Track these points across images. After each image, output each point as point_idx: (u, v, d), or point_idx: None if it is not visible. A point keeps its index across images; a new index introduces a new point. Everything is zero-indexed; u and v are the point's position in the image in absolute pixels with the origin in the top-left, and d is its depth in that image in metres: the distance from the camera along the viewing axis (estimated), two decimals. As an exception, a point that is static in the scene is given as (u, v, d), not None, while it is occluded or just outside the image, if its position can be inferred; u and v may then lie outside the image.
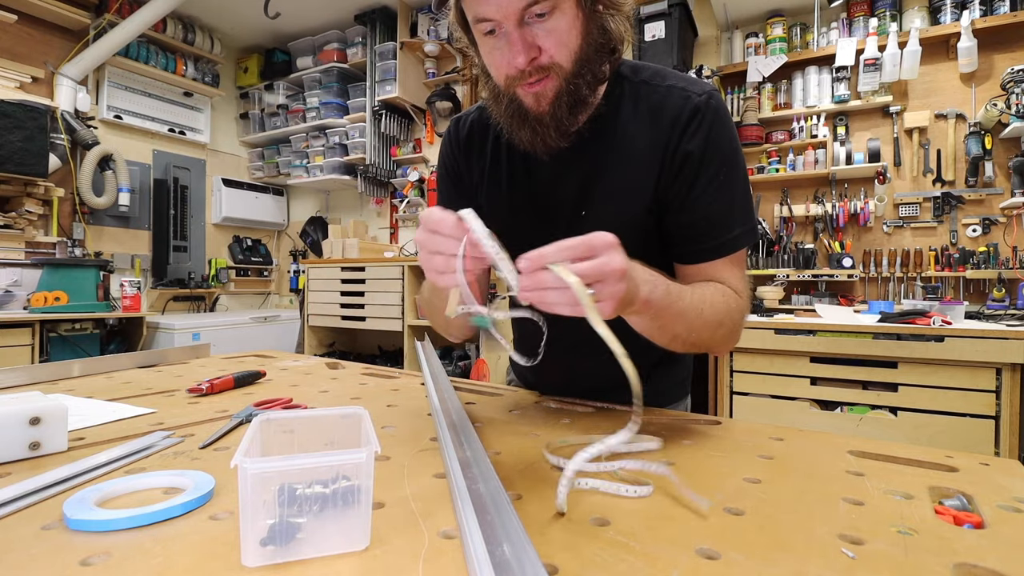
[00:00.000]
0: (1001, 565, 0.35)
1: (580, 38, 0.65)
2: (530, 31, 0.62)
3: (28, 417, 0.55)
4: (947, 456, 0.57)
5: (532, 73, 0.64)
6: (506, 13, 0.61)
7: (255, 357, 1.29)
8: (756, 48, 2.88)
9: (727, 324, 0.68)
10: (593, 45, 0.66)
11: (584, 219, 0.75)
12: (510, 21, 0.61)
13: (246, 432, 0.41)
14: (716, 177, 0.70)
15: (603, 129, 0.74)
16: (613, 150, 0.74)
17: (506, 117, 0.70)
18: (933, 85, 2.59)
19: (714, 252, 0.72)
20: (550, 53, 0.63)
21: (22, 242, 3.13)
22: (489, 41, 0.65)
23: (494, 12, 0.61)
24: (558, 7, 0.62)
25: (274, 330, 3.94)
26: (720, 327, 0.67)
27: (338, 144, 3.98)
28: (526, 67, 0.63)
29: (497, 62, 0.66)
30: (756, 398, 2.19)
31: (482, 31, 0.65)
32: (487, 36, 0.65)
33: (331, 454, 0.37)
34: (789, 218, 2.84)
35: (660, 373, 0.87)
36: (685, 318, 0.62)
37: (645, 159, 0.72)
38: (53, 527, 0.40)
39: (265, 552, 0.35)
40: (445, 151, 0.88)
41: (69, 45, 3.35)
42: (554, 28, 0.62)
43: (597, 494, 0.47)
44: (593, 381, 0.84)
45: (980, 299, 2.46)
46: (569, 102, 0.67)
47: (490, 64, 0.68)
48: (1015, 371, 1.79)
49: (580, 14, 0.64)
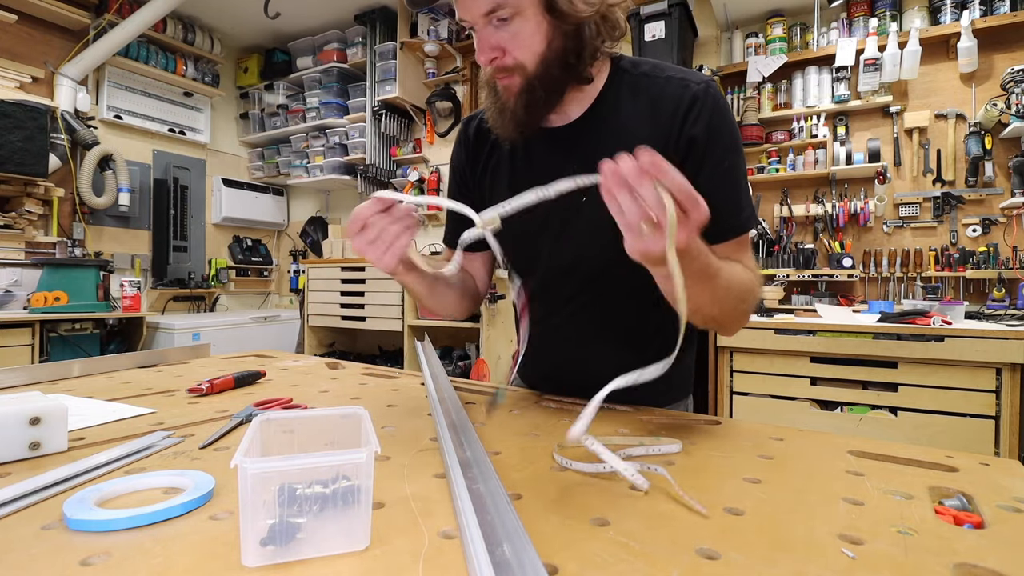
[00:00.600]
0: (1001, 565, 0.35)
1: (544, 42, 0.69)
2: (495, 34, 0.69)
3: (28, 417, 0.55)
4: (947, 456, 0.57)
5: (498, 71, 0.72)
6: (472, 16, 0.69)
7: (255, 357, 1.29)
8: (756, 48, 2.88)
9: (748, 301, 0.69)
10: (558, 49, 0.70)
11: (584, 204, 0.76)
12: (476, 23, 0.69)
13: (246, 432, 0.41)
14: (722, 162, 0.72)
15: (604, 120, 0.77)
16: (614, 140, 0.75)
17: (488, 100, 0.78)
18: (933, 85, 2.59)
19: (727, 233, 0.73)
20: (513, 55, 0.70)
21: (22, 242, 3.13)
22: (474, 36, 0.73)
23: (464, 14, 0.69)
24: (520, 13, 0.67)
25: (274, 330, 3.94)
26: (742, 303, 0.68)
27: (338, 144, 3.98)
28: (487, 65, 0.71)
29: (480, 56, 0.73)
30: (756, 398, 2.19)
31: (467, 28, 0.72)
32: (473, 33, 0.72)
33: (331, 454, 0.37)
34: (789, 218, 2.84)
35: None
36: (719, 285, 0.62)
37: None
38: (53, 527, 0.40)
39: (265, 552, 0.35)
40: (455, 149, 0.95)
41: (69, 45, 3.35)
42: (516, 32, 0.68)
43: (597, 494, 0.47)
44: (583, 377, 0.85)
45: (980, 299, 2.46)
46: (527, 101, 0.72)
47: (478, 58, 0.75)
48: (1015, 371, 1.79)
49: (544, 20, 0.68)
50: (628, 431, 0.67)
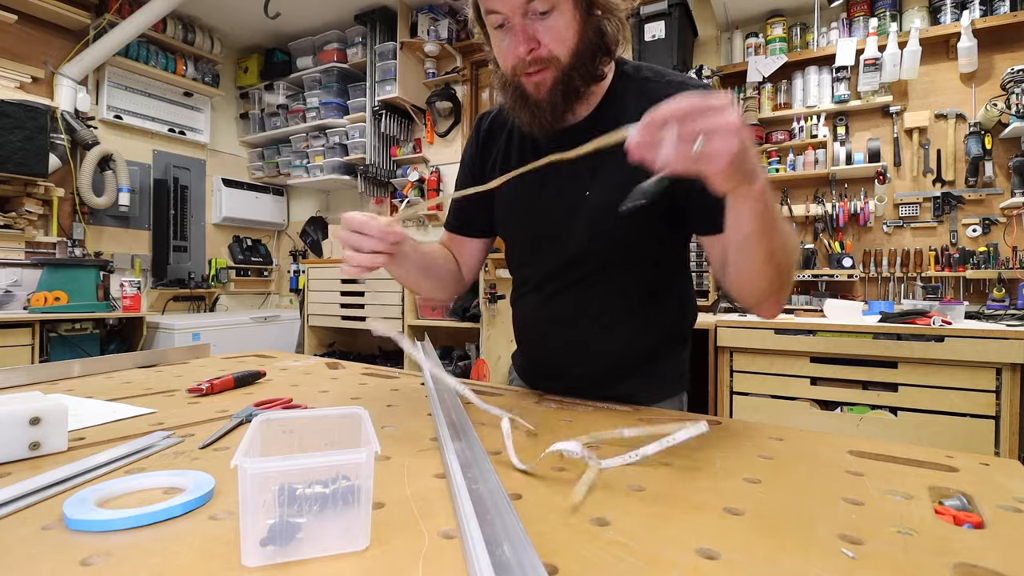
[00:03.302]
0: (1001, 565, 0.35)
1: (577, 36, 0.72)
2: (532, 26, 0.70)
3: (28, 417, 0.54)
4: (947, 456, 0.57)
5: (532, 63, 0.72)
6: (511, 7, 0.69)
7: (255, 357, 1.29)
8: (756, 48, 2.88)
9: (794, 265, 0.69)
10: (589, 44, 0.74)
11: (588, 199, 0.80)
12: (515, 15, 0.70)
13: (246, 432, 0.41)
14: None
15: (607, 121, 0.78)
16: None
17: (510, 102, 0.79)
18: (933, 85, 2.59)
19: None
20: (548, 47, 0.71)
21: (22, 242, 3.13)
22: (498, 34, 0.74)
23: (501, 5, 0.70)
24: (557, 7, 0.70)
25: (274, 330, 3.94)
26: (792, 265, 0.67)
27: (338, 144, 3.97)
28: (526, 56, 0.72)
29: (504, 53, 0.74)
30: (756, 398, 2.19)
31: (493, 24, 0.73)
32: (497, 30, 0.74)
33: (331, 454, 0.37)
34: (789, 218, 2.84)
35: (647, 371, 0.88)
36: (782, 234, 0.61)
37: None
38: (53, 527, 0.40)
39: (265, 552, 0.35)
40: (468, 143, 0.99)
41: (69, 45, 3.35)
42: (553, 25, 0.70)
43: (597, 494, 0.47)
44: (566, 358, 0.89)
45: (980, 299, 2.46)
46: (564, 91, 0.75)
47: (499, 54, 0.76)
48: (1015, 371, 1.79)
49: (577, 14, 0.72)
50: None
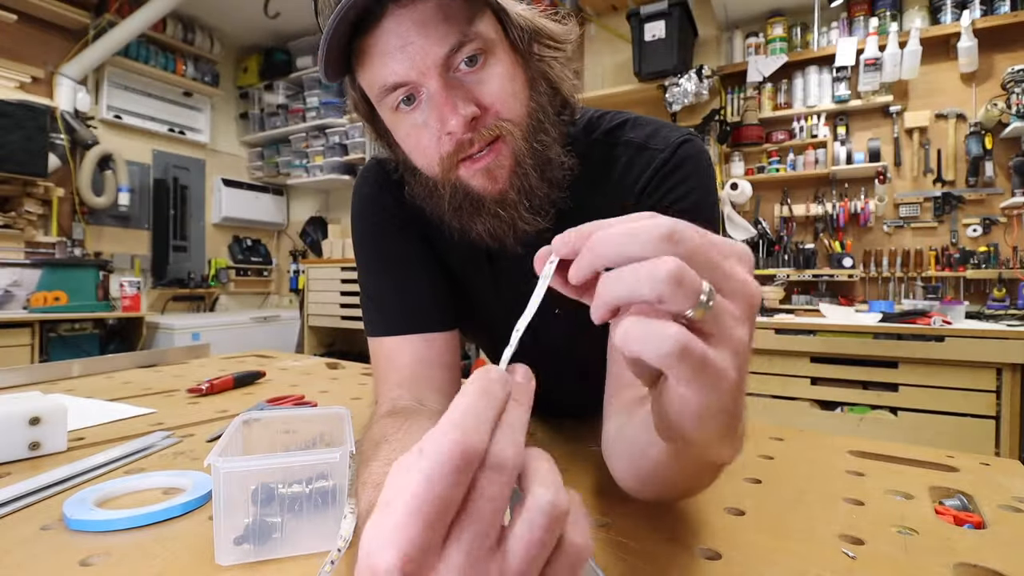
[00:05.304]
0: (1001, 565, 0.35)
1: (526, 86, 0.50)
2: (461, 86, 0.46)
3: (28, 417, 0.55)
4: (947, 456, 0.57)
5: (475, 142, 0.47)
6: (423, 68, 0.44)
7: (255, 357, 1.29)
8: (756, 48, 2.87)
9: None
10: (543, 94, 0.52)
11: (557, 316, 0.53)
12: (431, 78, 0.45)
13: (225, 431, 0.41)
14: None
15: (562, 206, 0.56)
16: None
17: (452, 212, 0.52)
18: (933, 85, 2.59)
19: None
20: (495, 108, 0.47)
21: (22, 242, 3.12)
22: (406, 118, 0.48)
23: (406, 70, 0.44)
24: (490, 51, 0.46)
25: (274, 330, 3.94)
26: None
27: (338, 144, 3.98)
28: (464, 132, 0.46)
29: (424, 142, 0.48)
30: (756, 398, 2.19)
31: (392, 106, 0.48)
32: (403, 114, 0.48)
33: (304, 453, 0.37)
34: (789, 218, 2.84)
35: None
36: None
37: None
38: (53, 527, 0.40)
39: (239, 550, 0.35)
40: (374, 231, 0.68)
41: (69, 45, 3.35)
42: (492, 76, 0.47)
43: (597, 494, 0.47)
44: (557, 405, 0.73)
45: (980, 299, 2.46)
46: (535, 165, 0.50)
47: (414, 148, 0.50)
48: (1015, 371, 1.79)
49: (518, 58, 0.50)
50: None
